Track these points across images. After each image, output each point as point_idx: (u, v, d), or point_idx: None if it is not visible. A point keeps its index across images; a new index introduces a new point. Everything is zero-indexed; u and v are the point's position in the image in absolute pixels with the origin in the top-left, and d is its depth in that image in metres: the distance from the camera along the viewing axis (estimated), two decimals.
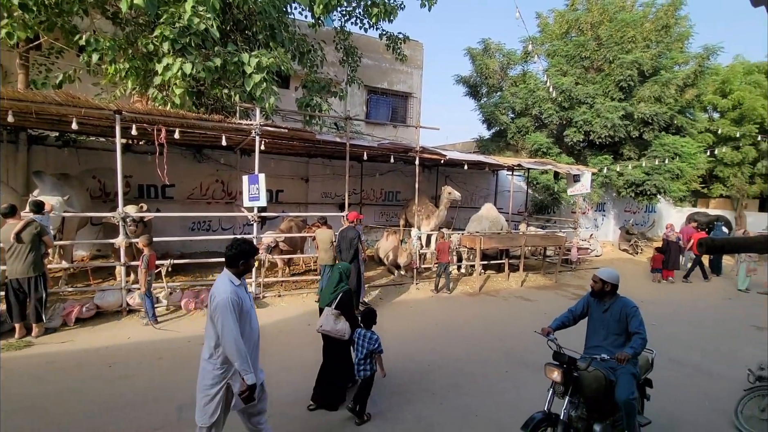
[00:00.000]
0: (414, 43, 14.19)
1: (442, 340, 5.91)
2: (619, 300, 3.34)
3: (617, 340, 3.28)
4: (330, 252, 7.20)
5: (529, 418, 2.90)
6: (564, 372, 2.98)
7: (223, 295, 2.59)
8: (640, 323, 3.19)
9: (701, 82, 13.44)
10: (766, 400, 3.88)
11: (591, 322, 3.49)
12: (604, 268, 3.50)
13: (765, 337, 6.56)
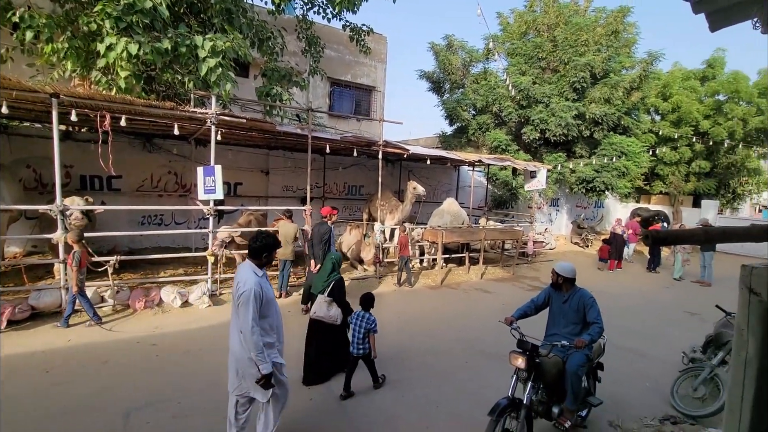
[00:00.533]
0: (378, 36, 14.10)
1: (403, 333, 5.96)
2: (578, 291, 3.58)
3: (575, 328, 3.54)
4: (290, 246, 7.04)
5: (495, 405, 3.01)
6: (527, 359, 3.14)
7: (248, 286, 2.72)
8: (598, 313, 3.43)
9: (645, 85, 14.38)
10: (699, 379, 4.23)
11: (552, 312, 3.73)
12: (562, 262, 3.73)
13: (697, 322, 7.17)
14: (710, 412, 3.97)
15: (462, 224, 10.19)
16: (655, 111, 17.78)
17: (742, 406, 0.70)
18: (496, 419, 2.94)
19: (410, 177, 13.48)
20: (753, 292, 0.70)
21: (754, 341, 0.70)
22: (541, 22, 14.78)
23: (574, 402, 3.36)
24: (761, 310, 0.69)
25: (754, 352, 0.70)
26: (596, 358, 3.74)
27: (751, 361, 0.71)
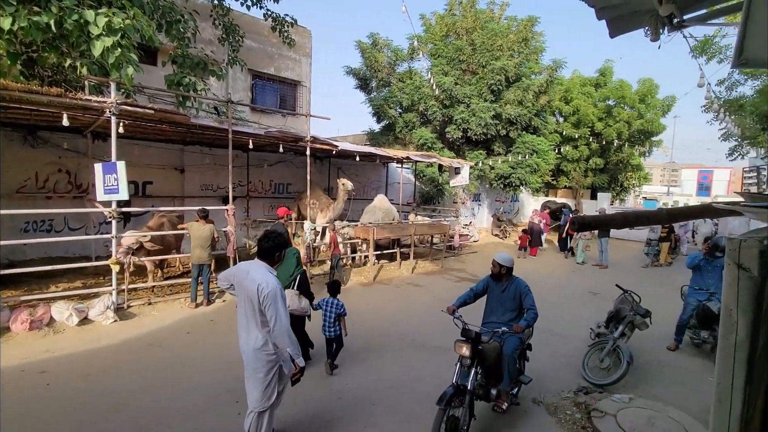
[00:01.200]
0: (302, 29, 13.66)
1: None
2: (515, 281, 3.85)
3: (512, 315, 3.80)
4: (207, 250, 6.47)
5: (443, 394, 3.06)
6: (472, 347, 3.27)
7: (272, 286, 2.72)
8: (533, 301, 3.73)
9: (551, 90, 15.86)
10: (604, 352, 4.73)
11: (490, 300, 3.94)
12: (501, 253, 3.95)
13: (600, 300, 8.07)
14: (614, 380, 4.46)
15: (393, 221, 10.30)
16: (559, 113, 19.72)
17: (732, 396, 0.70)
18: (444, 408, 2.99)
19: (339, 174, 13.30)
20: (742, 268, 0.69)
21: (745, 322, 0.69)
22: (460, 26, 15.51)
23: (509, 383, 3.57)
24: (752, 286, 0.68)
25: (744, 335, 0.69)
26: (526, 341, 4.01)
27: (742, 345, 0.69)
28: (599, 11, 2.91)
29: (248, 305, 2.81)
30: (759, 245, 0.66)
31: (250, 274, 2.83)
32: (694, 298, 5.43)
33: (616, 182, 21.12)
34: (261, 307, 2.74)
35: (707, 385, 4.72)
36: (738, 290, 0.68)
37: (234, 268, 3.12)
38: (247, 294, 2.79)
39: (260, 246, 2.94)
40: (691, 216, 1.31)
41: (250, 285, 2.77)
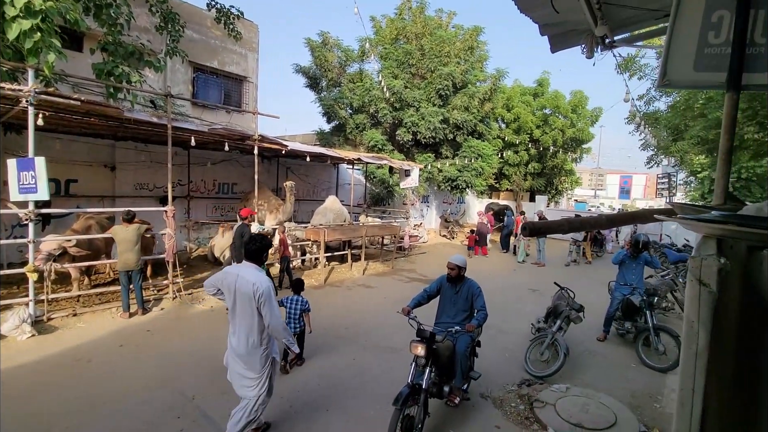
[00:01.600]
0: (248, 23, 13.14)
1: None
2: (467, 282, 4.01)
3: (465, 315, 3.96)
4: (135, 254, 6.00)
5: (399, 394, 3.09)
6: (427, 346, 3.35)
7: (265, 285, 2.95)
8: (484, 302, 3.91)
9: (495, 97, 16.68)
10: (543, 346, 5.05)
11: (443, 300, 4.08)
12: (456, 255, 4.08)
13: (538, 296, 8.61)
14: (553, 371, 4.78)
15: (344, 222, 10.24)
16: (502, 120, 20.80)
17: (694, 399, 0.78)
18: (400, 407, 3.03)
19: (288, 174, 12.99)
20: (703, 284, 0.77)
21: (705, 333, 0.78)
22: (410, 31, 15.81)
23: (462, 379, 3.73)
24: (711, 300, 0.77)
25: (704, 344, 0.78)
26: (476, 338, 4.18)
27: (702, 353, 0.79)
28: (542, 27, 3.12)
29: (245, 305, 2.98)
30: (717, 264, 0.74)
31: (241, 276, 3.00)
32: (620, 293, 5.98)
33: (551, 186, 22.69)
34: (258, 305, 2.94)
35: (631, 371, 5.22)
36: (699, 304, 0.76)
37: (221, 273, 3.19)
38: (241, 294, 2.97)
39: (248, 248, 3.16)
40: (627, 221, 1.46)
41: (243, 286, 2.96)
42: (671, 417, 3.64)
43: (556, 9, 2.57)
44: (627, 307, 5.82)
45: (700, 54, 2.00)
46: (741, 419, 0.80)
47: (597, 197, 51.08)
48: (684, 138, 10.98)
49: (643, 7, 2.67)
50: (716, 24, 1.98)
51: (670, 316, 7.33)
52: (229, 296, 3.03)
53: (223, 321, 6.14)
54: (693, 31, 2.01)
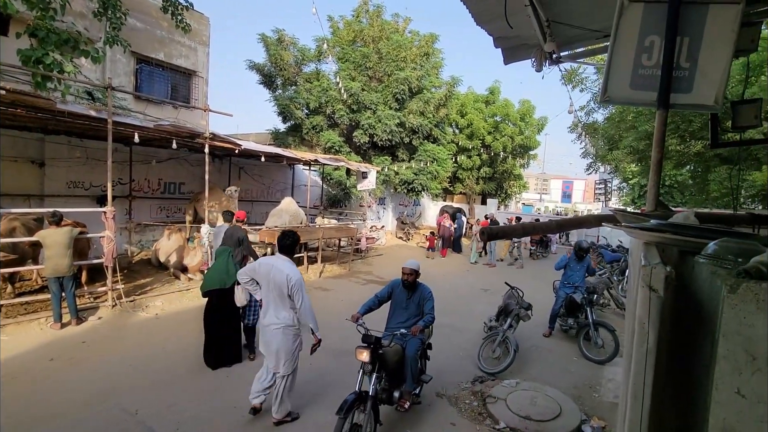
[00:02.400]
0: (199, 15, 12.55)
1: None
2: (420, 287, 4.01)
3: (415, 320, 3.93)
4: (66, 259, 5.51)
5: (343, 402, 3.03)
6: (371, 352, 3.29)
7: (298, 275, 3.47)
8: (433, 306, 3.92)
9: (449, 103, 17.19)
10: (495, 343, 5.27)
11: (394, 305, 4.04)
12: (411, 260, 4.06)
13: (490, 296, 8.97)
14: (504, 368, 5.01)
15: (300, 224, 10.06)
16: (456, 125, 21.48)
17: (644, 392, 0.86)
18: (344, 416, 2.96)
19: (241, 174, 12.55)
20: (652, 290, 0.85)
21: (654, 333, 0.86)
22: (367, 34, 15.88)
23: (412, 383, 3.69)
24: (658, 304, 0.85)
25: (653, 343, 0.87)
26: (427, 341, 4.22)
27: (651, 351, 0.87)
28: (497, 40, 3.28)
29: (276, 292, 3.48)
30: (664, 271, 0.83)
31: (275, 267, 3.50)
32: (564, 292, 6.40)
33: (501, 189, 23.77)
34: (290, 293, 3.44)
35: (573, 364, 5.60)
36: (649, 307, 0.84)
37: (256, 263, 3.74)
38: (276, 283, 3.46)
39: (282, 243, 3.64)
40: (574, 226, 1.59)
41: (278, 275, 3.45)
42: (609, 406, 3.95)
43: (510, 24, 2.71)
44: (570, 304, 6.24)
45: (635, 74, 2.20)
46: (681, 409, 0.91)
47: (542, 201, 54.33)
48: (618, 148, 11.98)
49: (587, 27, 2.90)
50: (648, 47, 2.20)
51: (606, 311, 7.94)
52: (263, 282, 3.56)
53: (169, 329, 5.80)
54: (629, 53, 2.21)
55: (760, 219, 2.08)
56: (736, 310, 0.68)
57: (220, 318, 4.71)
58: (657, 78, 2.14)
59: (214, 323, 4.71)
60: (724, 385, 0.69)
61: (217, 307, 4.70)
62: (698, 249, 0.89)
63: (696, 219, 1.24)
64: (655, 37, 2.18)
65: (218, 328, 4.72)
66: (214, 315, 4.71)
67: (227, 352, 4.80)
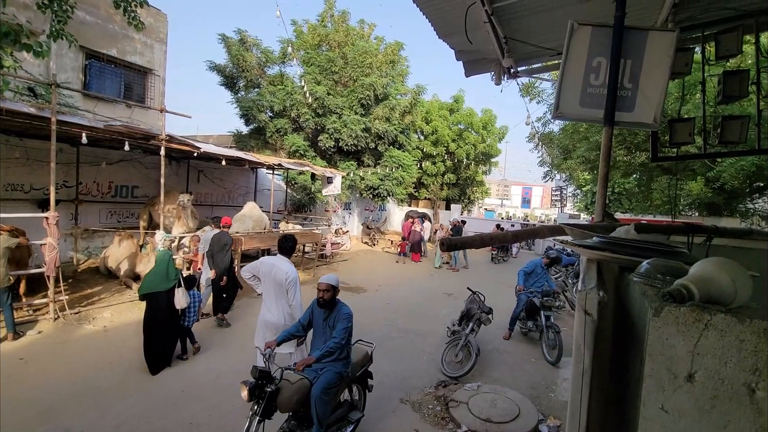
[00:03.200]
0: (156, 11, 12.03)
1: (209, 360, 5.23)
2: (338, 306, 3.35)
3: None
4: (2, 269, 5.09)
5: None
6: (253, 388, 2.75)
7: (295, 273, 4.02)
8: (343, 329, 3.19)
9: (415, 110, 17.45)
10: (458, 347, 5.38)
11: (315, 328, 3.42)
12: (329, 275, 3.44)
13: (453, 300, 9.15)
14: (466, 371, 5.12)
15: (264, 229, 9.81)
16: (421, 132, 21.84)
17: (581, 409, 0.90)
18: None
19: (200, 178, 12.09)
20: (587, 313, 0.90)
21: (588, 354, 0.91)
22: (332, 38, 15.84)
23: (319, 428, 2.99)
24: (593, 328, 0.90)
25: (588, 363, 0.92)
26: (360, 370, 3.61)
27: (587, 371, 0.92)
28: (458, 53, 3.39)
29: (276, 288, 4.01)
30: (597, 297, 0.89)
31: (276, 266, 4.02)
32: (525, 296, 6.65)
33: (465, 195, 24.38)
34: (287, 288, 3.96)
35: (531, 365, 5.81)
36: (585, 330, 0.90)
37: (257, 262, 4.19)
38: (276, 280, 3.98)
39: (282, 245, 4.16)
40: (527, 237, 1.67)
41: (278, 274, 3.97)
42: (564, 404, 4.13)
43: (470, 39, 2.82)
44: (530, 307, 6.49)
45: (584, 92, 2.35)
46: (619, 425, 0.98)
47: (503, 206, 56.27)
48: (572, 157, 12.67)
49: (541, 45, 3.06)
50: (596, 68, 2.35)
51: (562, 313, 8.32)
52: (266, 281, 4.04)
53: (118, 342, 5.46)
54: (579, 72, 2.35)
55: (693, 229, 2.27)
56: (659, 332, 0.75)
57: (160, 321, 4.75)
58: (604, 97, 2.29)
59: (154, 327, 4.74)
60: (651, 402, 0.75)
61: (157, 310, 4.75)
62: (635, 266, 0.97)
63: (636, 232, 1.34)
64: (602, 58, 2.34)
65: (159, 331, 4.76)
66: (155, 318, 4.74)
67: (168, 354, 4.89)
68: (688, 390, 0.73)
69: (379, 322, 7.12)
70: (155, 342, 4.74)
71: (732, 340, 0.70)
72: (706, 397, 0.71)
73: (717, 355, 0.71)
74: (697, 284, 0.75)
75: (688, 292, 0.75)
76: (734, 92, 2.85)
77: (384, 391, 4.64)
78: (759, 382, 0.67)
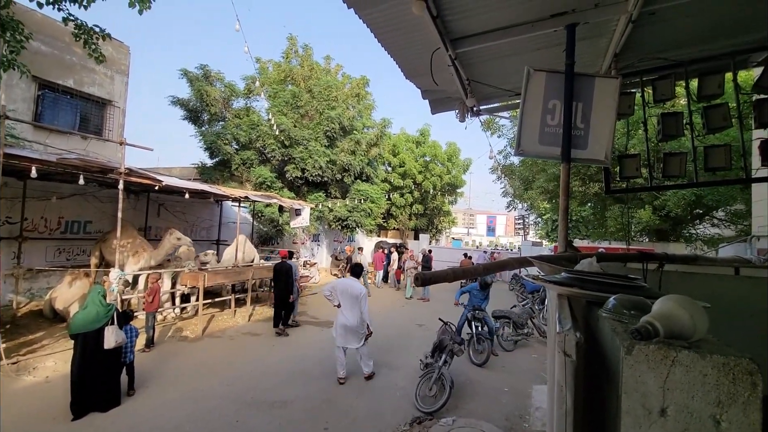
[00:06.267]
0: (118, 43, 11.87)
1: (154, 405, 4.83)
2: None
3: None
4: None
5: None
6: None
7: (364, 290, 5.81)
8: None
9: (382, 143, 17.87)
10: (432, 381, 5.29)
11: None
12: None
13: (425, 331, 9.08)
14: (440, 406, 5.01)
15: (251, 261, 9.56)
16: (388, 164, 22.31)
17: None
18: None
19: (161, 211, 11.61)
20: (566, 355, 0.93)
21: (570, 395, 0.93)
22: (297, 73, 16.18)
23: None
24: (573, 369, 0.93)
25: (570, 404, 0.93)
26: None
27: (569, 412, 0.93)
28: (424, 92, 3.56)
29: (353, 301, 5.62)
30: (575, 338, 0.93)
31: (351, 285, 5.73)
32: (465, 311, 7.53)
33: (432, 225, 24.82)
34: (360, 302, 5.61)
35: (504, 395, 5.79)
36: (565, 372, 0.92)
37: (334, 282, 5.91)
38: (351, 294, 5.63)
39: (354, 271, 6.19)
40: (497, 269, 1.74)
41: (353, 290, 5.65)
42: None
43: (436, 81, 2.98)
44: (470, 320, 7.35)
45: (542, 131, 2.52)
46: None
47: (469, 234, 57.57)
48: (532, 188, 13.31)
49: (500, 87, 3.28)
50: (551, 109, 2.54)
51: (530, 340, 8.44)
52: (343, 296, 5.65)
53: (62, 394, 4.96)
54: (536, 113, 2.53)
55: (647, 257, 2.42)
56: (632, 369, 0.79)
57: (90, 360, 4.57)
58: (560, 136, 2.46)
59: (83, 365, 4.53)
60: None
61: (86, 349, 4.57)
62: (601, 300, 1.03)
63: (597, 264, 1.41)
64: (557, 101, 2.53)
65: (89, 370, 4.56)
66: (84, 357, 4.56)
67: (100, 395, 4.62)
68: (662, 425, 0.76)
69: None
70: (83, 382, 4.51)
71: (696, 375, 0.75)
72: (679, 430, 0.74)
73: (685, 390, 0.75)
74: (660, 321, 0.81)
75: (654, 328, 0.80)
76: (672, 131, 3.15)
77: (357, 431, 4.45)
78: (722, 413, 0.72)
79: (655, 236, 12.29)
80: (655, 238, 12.34)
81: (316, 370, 6.21)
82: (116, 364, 4.84)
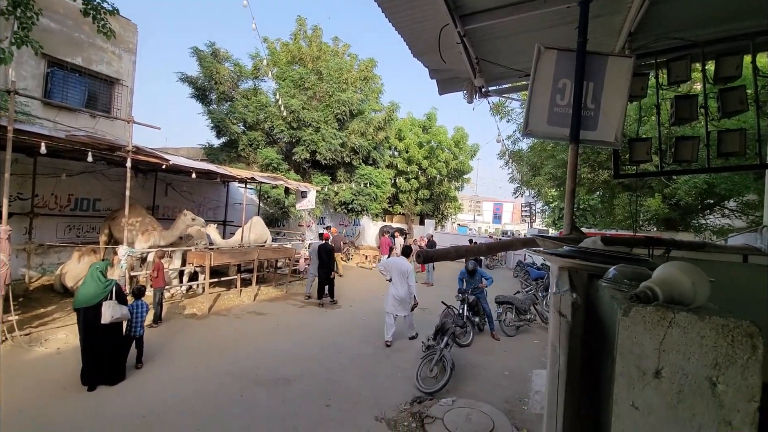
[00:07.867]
0: (125, 21, 11.79)
1: (161, 380, 4.97)
2: None
3: None
4: None
5: None
6: None
7: (411, 267, 6.72)
8: None
9: (388, 127, 17.72)
10: (433, 362, 5.36)
11: None
12: None
13: (428, 315, 9.15)
14: (440, 387, 5.10)
15: (264, 243, 9.74)
16: (395, 149, 22.16)
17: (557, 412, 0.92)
18: None
19: (168, 191, 11.71)
20: (561, 315, 0.93)
21: (563, 356, 0.94)
22: (306, 54, 15.98)
23: None
24: (567, 329, 0.93)
25: (563, 364, 0.94)
26: None
27: (562, 372, 0.94)
28: (432, 72, 3.50)
29: (402, 276, 6.60)
30: (571, 299, 0.93)
31: (400, 263, 6.74)
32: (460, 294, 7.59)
33: (438, 210, 24.77)
34: (407, 277, 6.58)
35: (504, 378, 5.86)
36: (559, 332, 0.93)
37: (387, 260, 7.11)
38: (400, 271, 6.62)
39: (403, 252, 7.34)
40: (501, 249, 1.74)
41: (402, 267, 6.63)
42: (537, 417, 4.18)
43: (444, 59, 2.92)
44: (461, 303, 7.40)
45: (551, 111, 2.47)
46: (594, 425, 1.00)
47: (476, 221, 57.45)
48: (540, 174, 13.16)
49: (510, 66, 3.21)
50: (561, 89, 2.49)
51: (533, 326, 8.48)
52: (393, 272, 6.65)
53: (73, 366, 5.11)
54: (546, 93, 2.48)
55: (653, 242, 2.40)
56: (628, 331, 0.79)
57: (92, 333, 4.63)
58: (569, 116, 2.42)
59: (90, 337, 4.62)
60: (622, 400, 0.79)
61: (87, 323, 4.63)
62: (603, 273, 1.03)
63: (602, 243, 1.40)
64: (567, 80, 2.48)
65: (97, 342, 4.63)
66: (87, 331, 4.63)
67: (108, 368, 4.71)
68: (656, 386, 0.76)
69: (354, 340, 7.03)
70: (93, 353, 4.62)
71: (693, 336, 0.74)
72: (673, 392, 0.75)
73: (681, 351, 0.75)
74: (660, 286, 0.80)
75: (653, 293, 0.80)
76: (685, 115, 3.07)
77: (359, 409, 4.55)
78: (719, 375, 0.72)
79: (663, 226, 12.16)
80: (664, 228, 12.21)
81: (320, 352, 6.32)
82: (119, 338, 4.89)
